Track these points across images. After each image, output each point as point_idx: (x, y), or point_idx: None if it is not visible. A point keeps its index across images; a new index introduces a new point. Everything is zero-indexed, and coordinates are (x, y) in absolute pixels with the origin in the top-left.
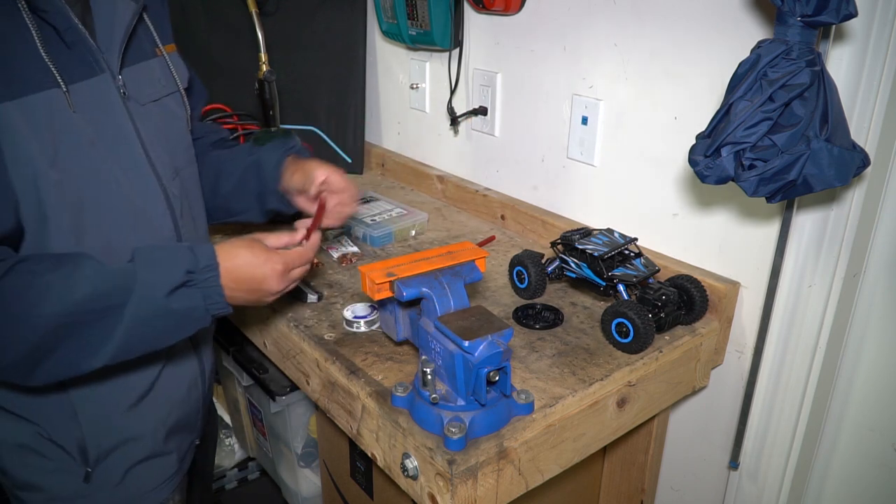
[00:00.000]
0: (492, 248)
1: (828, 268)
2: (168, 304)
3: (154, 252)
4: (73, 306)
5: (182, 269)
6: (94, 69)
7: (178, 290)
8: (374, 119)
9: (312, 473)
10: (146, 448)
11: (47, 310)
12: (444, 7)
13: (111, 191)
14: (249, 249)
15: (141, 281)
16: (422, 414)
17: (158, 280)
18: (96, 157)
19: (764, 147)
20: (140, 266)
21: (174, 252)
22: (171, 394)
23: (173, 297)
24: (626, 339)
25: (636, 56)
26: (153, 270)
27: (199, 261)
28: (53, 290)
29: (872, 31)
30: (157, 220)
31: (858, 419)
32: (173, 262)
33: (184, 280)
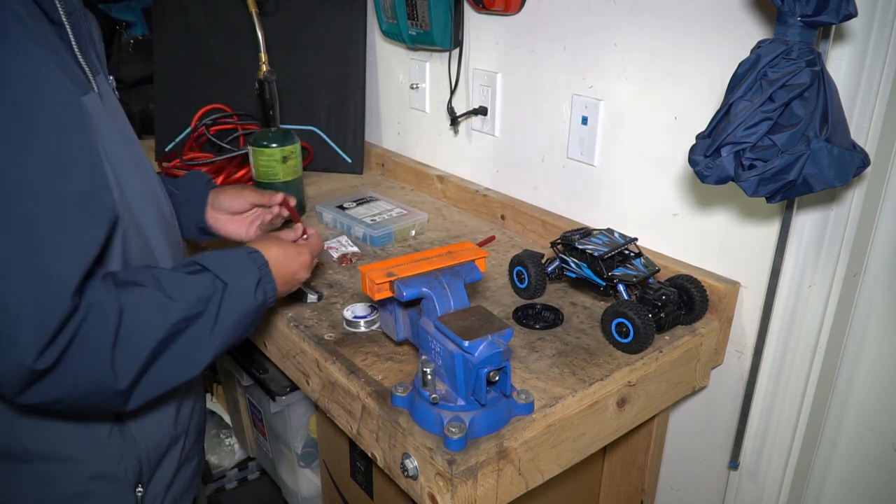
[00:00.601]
0: (492, 248)
1: (828, 268)
2: (255, 300)
3: (220, 257)
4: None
5: (255, 268)
6: (98, 71)
7: (257, 287)
8: (374, 119)
9: (312, 473)
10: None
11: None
12: (444, 7)
13: (144, 192)
14: (280, 246)
15: (231, 284)
16: (422, 414)
17: (245, 280)
18: (128, 159)
19: (764, 147)
20: (220, 271)
21: (239, 256)
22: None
23: (257, 293)
24: (626, 339)
25: (636, 56)
26: (236, 273)
27: (256, 260)
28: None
29: (872, 31)
30: (170, 223)
31: (858, 419)
32: (247, 264)
33: (259, 277)
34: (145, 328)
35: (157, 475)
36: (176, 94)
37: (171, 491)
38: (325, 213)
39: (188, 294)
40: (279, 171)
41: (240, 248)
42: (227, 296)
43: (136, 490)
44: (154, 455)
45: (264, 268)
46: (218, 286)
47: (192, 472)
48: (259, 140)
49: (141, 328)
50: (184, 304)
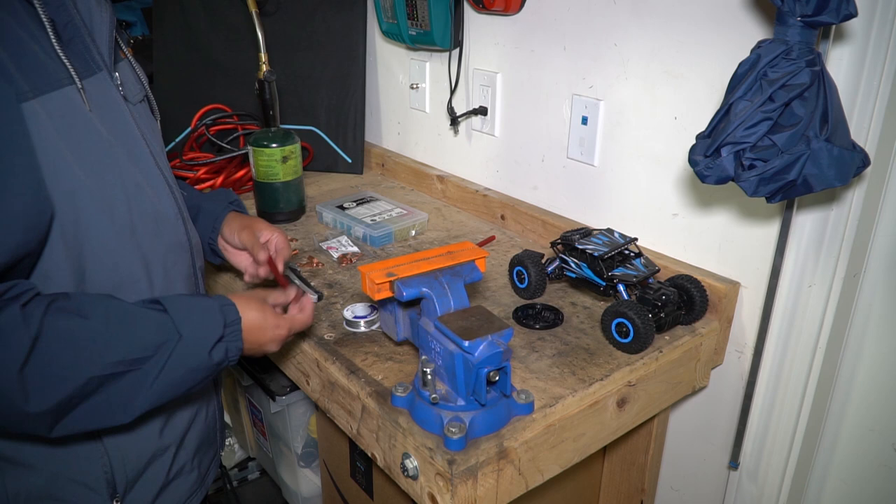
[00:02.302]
0: (492, 248)
1: (828, 268)
2: (209, 359)
3: (187, 304)
4: (109, 364)
5: (220, 325)
6: (92, 66)
7: (216, 345)
8: (374, 119)
9: (312, 473)
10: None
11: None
12: (444, 7)
13: (137, 195)
14: (260, 311)
15: (186, 336)
16: (422, 414)
17: (203, 336)
18: (117, 159)
19: (764, 147)
20: (180, 319)
21: (208, 307)
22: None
23: (213, 352)
24: (626, 339)
25: (636, 56)
26: (196, 325)
27: (227, 316)
28: (92, 341)
29: (872, 31)
30: (173, 225)
31: (858, 419)
32: (212, 318)
33: (221, 335)
34: (71, 361)
35: (139, 487)
36: (176, 94)
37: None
38: (325, 213)
39: (137, 338)
40: (279, 171)
41: (215, 299)
42: (178, 348)
43: (113, 500)
44: (132, 467)
45: (233, 325)
46: (172, 336)
47: (189, 485)
48: (259, 140)
49: (65, 360)
50: (128, 347)
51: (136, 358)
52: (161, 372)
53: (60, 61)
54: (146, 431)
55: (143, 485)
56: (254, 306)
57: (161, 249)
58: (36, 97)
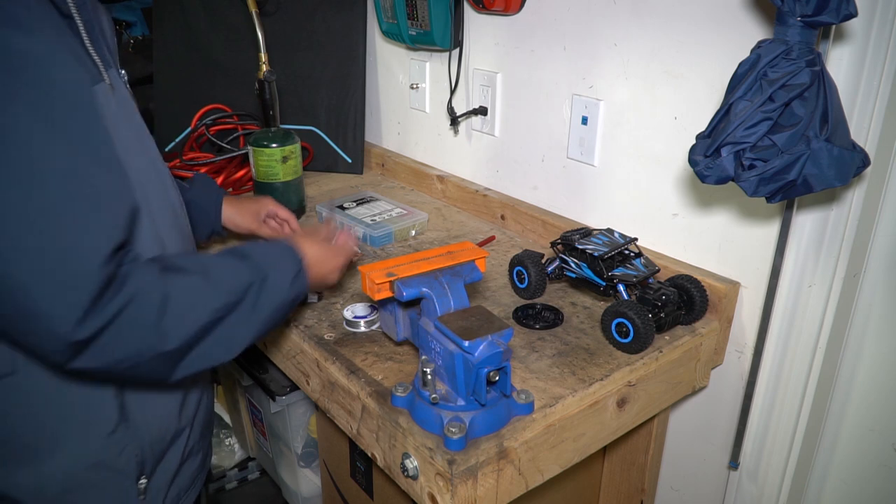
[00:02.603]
0: (492, 248)
1: (828, 268)
2: (290, 293)
3: (262, 249)
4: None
5: (294, 263)
6: (110, 62)
7: (294, 279)
8: (374, 119)
9: (312, 473)
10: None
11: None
12: (444, 7)
13: (156, 188)
14: (319, 245)
15: (271, 275)
16: (422, 414)
17: (284, 273)
18: (140, 152)
19: (764, 147)
20: (261, 261)
21: (280, 249)
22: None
23: (292, 286)
24: (626, 339)
25: (636, 56)
26: (277, 265)
27: (294, 255)
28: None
29: (872, 31)
30: (180, 216)
31: (858, 419)
32: (286, 257)
33: (297, 270)
34: (190, 312)
35: (161, 468)
36: (176, 94)
37: (174, 484)
38: (325, 213)
39: (230, 283)
40: (279, 171)
41: (280, 242)
42: (265, 287)
43: (139, 482)
44: (157, 448)
45: (301, 263)
46: (258, 277)
47: (196, 466)
48: (259, 140)
49: (185, 312)
50: (226, 292)
51: (232, 301)
52: (254, 310)
53: (92, 58)
54: (169, 412)
55: (164, 466)
56: (312, 242)
57: (177, 238)
58: (94, 85)
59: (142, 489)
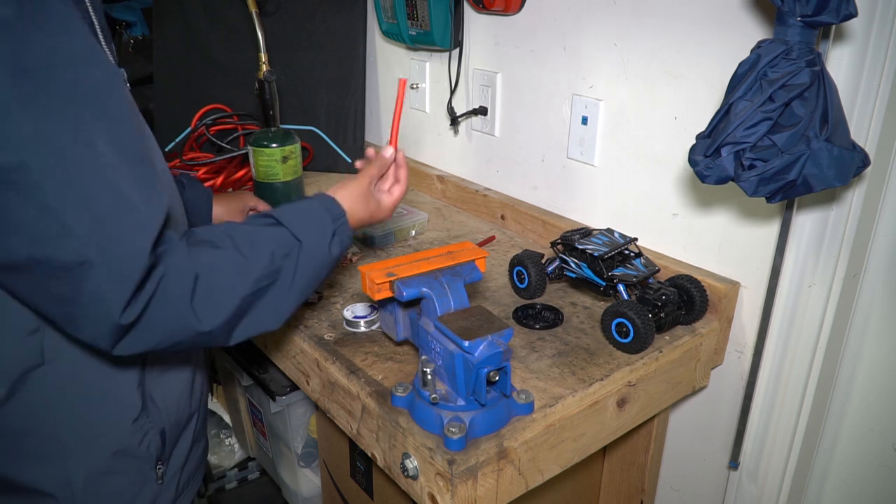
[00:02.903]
0: (492, 248)
1: (828, 268)
2: (330, 255)
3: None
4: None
5: (330, 222)
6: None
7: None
8: (374, 119)
9: (312, 473)
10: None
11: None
12: (444, 7)
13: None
14: (365, 202)
15: (306, 242)
16: (422, 414)
17: (320, 237)
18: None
19: (764, 147)
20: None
21: (314, 210)
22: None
23: (332, 247)
24: (626, 339)
25: (636, 56)
26: (311, 230)
27: (332, 212)
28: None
29: (872, 31)
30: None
31: (858, 419)
32: (322, 218)
33: (333, 231)
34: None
35: (175, 452)
36: (176, 94)
37: (185, 469)
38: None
39: (265, 254)
40: (279, 171)
41: (315, 199)
42: (302, 253)
43: (157, 467)
44: (173, 433)
45: (339, 218)
46: (293, 244)
47: (201, 452)
48: (259, 140)
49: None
50: (261, 263)
51: (271, 271)
52: (294, 277)
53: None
54: (183, 396)
55: (177, 451)
56: (353, 188)
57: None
58: None
59: (160, 474)
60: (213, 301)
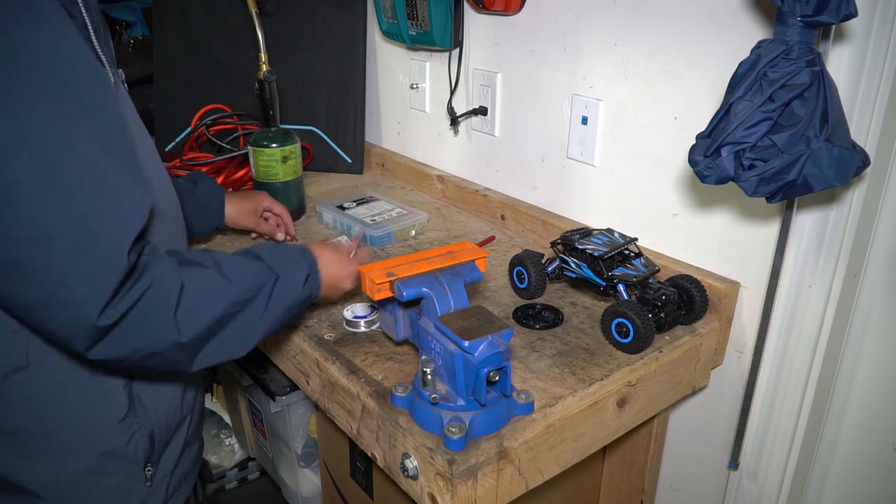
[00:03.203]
0: (492, 248)
1: (828, 268)
2: (302, 293)
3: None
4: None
5: (305, 265)
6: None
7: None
8: (374, 119)
9: (312, 473)
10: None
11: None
12: (444, 7)
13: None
14: (334, 252)
15: (282, 275)
16: (422, 414)
17: (295, 274)
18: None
19: (764, 147)
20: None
21: (293, 251)
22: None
23: (304, 287)
24: (626, 339)
25: (636, 56)
26: (288, 266)
27: (307, 257)
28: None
29: (872, 31)
30: (178, 211)
31: (858, 419)
32: (298, 259)
33: (308, 273)
34: (205, 304)
35: (166, 455)
36: (176, 94)
37: (176, 472)
38: (325, 213)
39: (244, 280)
40: (279, 171)
41: (294, 246)
42: (277, 287)
43: (146, 469)
44: (163, 435)
45: (313, 266)
46: (271, 276)
47: (193, 455)
48: (259, 140)
49: (201, 303)
50: (239, 287)
51: (246, 298)
52: (267, 307)
53: (101, 60)
54: (174, 400)
55: (168, 454)
56: (326, 248)
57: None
58: None
59: (148, 476)
60: (195, 314)
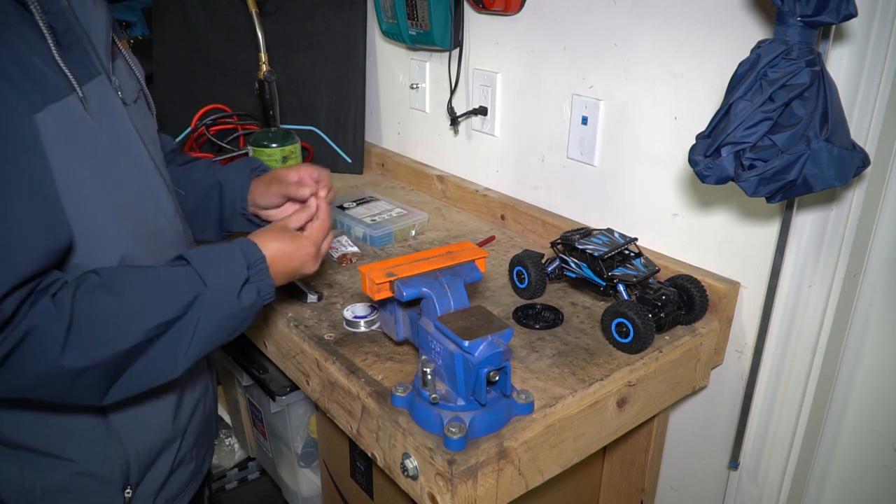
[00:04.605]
0: (492, 248)
1: (828, 268)
2: (239, 303)
3: (208, 254)
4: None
5: (242, 269)
6: (91, 71)
7: (243, 287)
8: (374, 119)
9: (312, 473)
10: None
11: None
12: (444, 7)
13: (139, 198)
14: (280, 239)
15: (212, 286)
16: (422, 414)
17: (228, 282)
18: (118, 163)
19: (764, 147)
20: (203, 269)
21: (229, 252)
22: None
23: (241, 295)
24: (626, 339)
25: (636, 56)
26: (220, 273)
27: (249, 256)
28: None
29: (872, 31)
30: (172, 220)
31: (858, 419)
32: (234, 262)
33: (246, 277)
34: (105, 338)
35: (148, 478)
36: (176, 94)
37: (162, 494)
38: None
39: (168, 300)
40: None
41: (236, 242)
42: (208, 298)
43: (125, 491)
44: (144, 457)
45: (258, 265)
46: (198, 287)
47: (188, 476)
48: (259, 140)
49: (99, 338)
50: (162, 311)
51: (171, 319)
52: (198, 325)
53: (61, 70)
54: (160, 422)
55: (151, 476)
56: (273, 236)
57: (163, 245)
58: (43, 108)
59: (127, 498)
60: (91, 351)
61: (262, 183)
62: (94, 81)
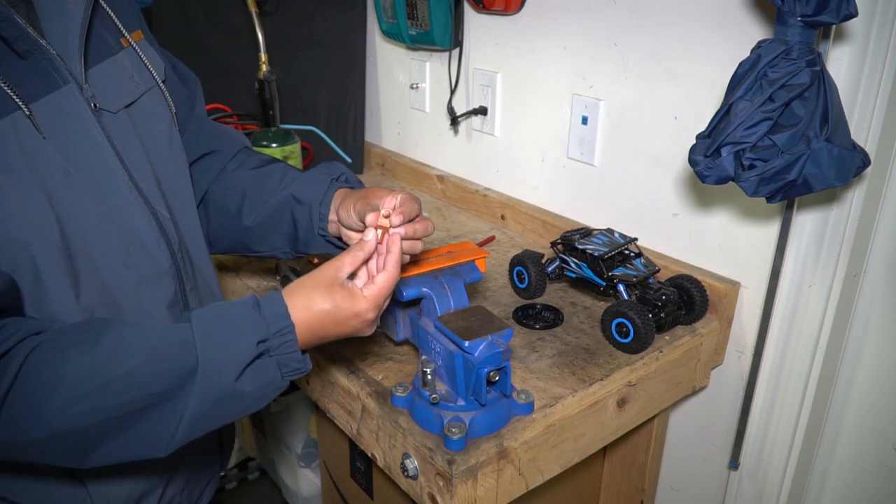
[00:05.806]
0: (492, 248)
1: (828, 268)
2: (239, 387)
3: (214, 319)
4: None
5: (252, 342)
6: (56, 81)
7: (248, 367)
8: (374, 119)
9: (312, 473)
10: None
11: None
12: (444, 7)
13: (99, 226)
14: (327, 297)
15: (204, 364)
16: (422, 414)
17: (225, 362)
18: (74, 189)
19: (764, 147)
20: (200, 340)
21: (239, 318)
22: None
23: (244, 378)
24: (626, 339)
25: (636, 56)
26: (218, 350)
27: (269, 325)
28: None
29: (872, 31)
30: (152, 251)
31: (858, 419)
32: (240, 334)
33: (256, 354)
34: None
35: None
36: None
37: None
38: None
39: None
40: None
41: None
42: (200, 376)
43: None
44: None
45: (282, 335)
46: (192, 362)
47: None
48: (259, 140)
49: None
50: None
51: (156, 392)
52: (189, 404)
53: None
54: (133, 473)
55: None
56: (318, 294)
57: (133, 280)
58: None
59: None
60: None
61: (352, 197)
62: (58, 93)
